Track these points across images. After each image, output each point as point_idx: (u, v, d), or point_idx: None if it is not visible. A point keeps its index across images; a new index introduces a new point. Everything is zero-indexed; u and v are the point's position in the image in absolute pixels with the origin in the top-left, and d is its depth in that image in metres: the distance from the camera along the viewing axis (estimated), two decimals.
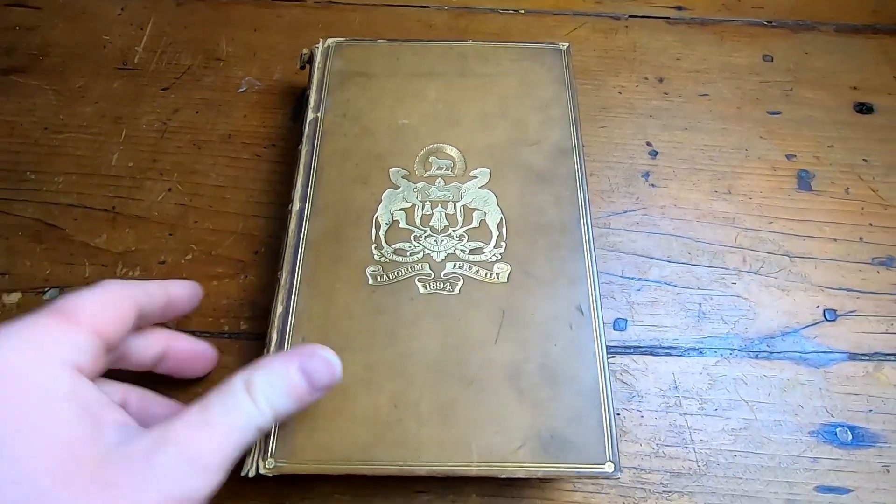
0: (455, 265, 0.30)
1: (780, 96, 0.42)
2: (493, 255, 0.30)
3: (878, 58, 0.44)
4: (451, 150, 0.33)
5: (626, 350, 0.33)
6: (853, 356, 0.33)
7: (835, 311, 0.34)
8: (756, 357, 0.33)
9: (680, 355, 0.33)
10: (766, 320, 0.34)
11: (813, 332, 0.34)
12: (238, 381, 0.23)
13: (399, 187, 0.32)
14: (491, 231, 0.31)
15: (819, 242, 0.36)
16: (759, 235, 0.36)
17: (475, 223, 0.31)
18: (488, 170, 0.33)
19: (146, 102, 0.41)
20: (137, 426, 0.22)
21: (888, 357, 0.33)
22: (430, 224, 0.31)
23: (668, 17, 0.46)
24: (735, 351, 0.33)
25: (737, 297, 0.34)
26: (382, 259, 0.30)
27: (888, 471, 0.30)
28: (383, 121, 0.34)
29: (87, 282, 0.34)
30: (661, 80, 0.43)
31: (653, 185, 0.38)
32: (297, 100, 0.40)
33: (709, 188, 0.38)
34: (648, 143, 0.40)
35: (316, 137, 0.34)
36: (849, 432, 0.31)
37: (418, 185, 0.32)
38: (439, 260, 0.30)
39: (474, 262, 0.30)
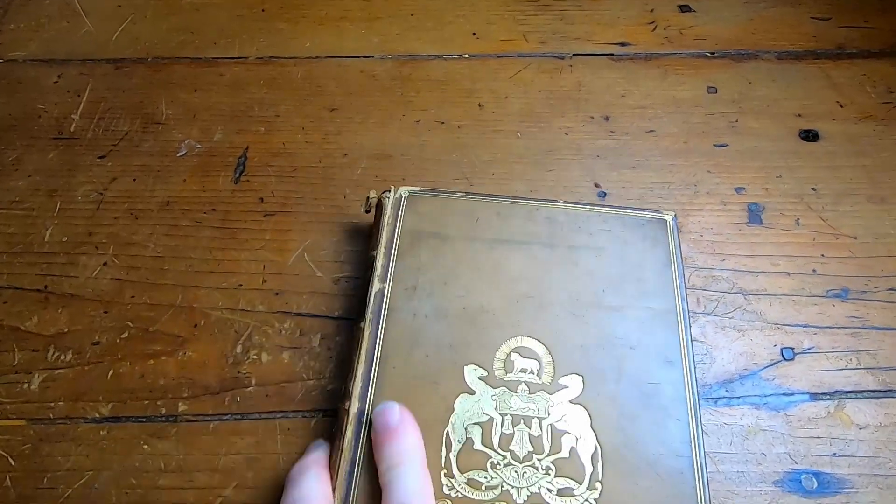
0: None
1: (726, 128, 0.42)
2: (587, 500, 0.25)
3: (820, 83, 0.45)
4: (537, 347, 0.28)
5: None
6: (814, 396, 0.32)
7: (792, 349, 0.33)
8: (715, 404, 0.32)
9: None
10: (724, 364, 0.33)
11: (772, 372, 0.33)
12: None
13: (475, 392, 0.27)
14: (583, 465, 0.26)
15: (773, 278, 0.36)
16: (712, 274, 0.36)
17: (564, 452, 0.26)
18: (581, 378, 0.28)
19: (82, 172, 0.39)
20: None
21: (849, 395, 0.32)
22: (511, 448, 0.26)
23: (612, 54, 0.46)
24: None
25: (693, 342, 0.34)
26: (454, 493, 0.25)
27: None
28: (459, 300, 0.29)
29: (14, 369, 0.32)
30: (607, 119, 0.43)
31: None
32: (365, 260, 0.32)
33: None
34: (597, 185, 0.39)
35: (382, 315, 0.29)
36: (814, 479, 0.30)
37: (497, 390, 0.27)
38: (521, 502, 0.25)
39: None
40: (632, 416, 0.27)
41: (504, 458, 0.26)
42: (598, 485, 0.26)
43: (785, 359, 0.33)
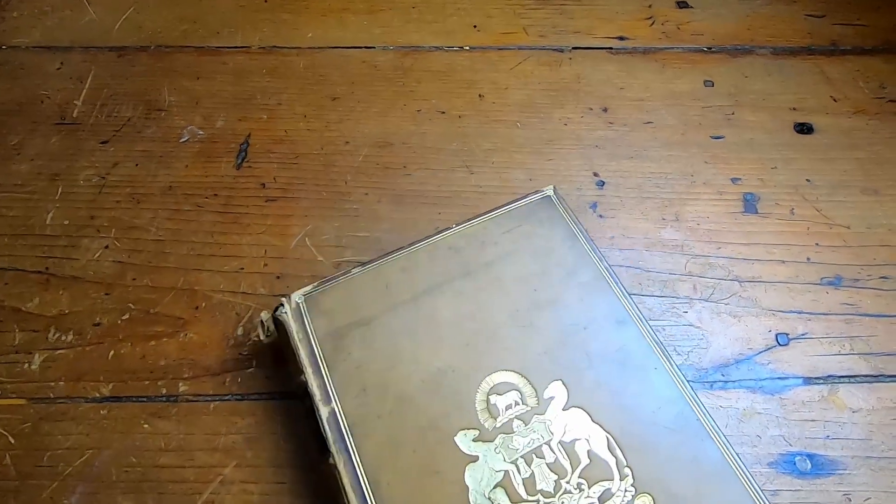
0: None
1: (722, 120, 0.43)
2: (626, 491, 0.25)
3: (814, 78, 0.45)
4: (509, 377, 0.27)
5: None
6: (808, 380, 0.32)
7: (787, 334, 0.34)
8: (711, 387, 0.32)
9: None
10: (720, 349, 0.33)
11: (766, 357, 0.33)
12: None
13: (478, 457, 0.25)
14: (606, 462, 0.25)
15: (768, 265, 0.36)
16: (708, 261, 0.36)
17: (584, 459, 0.25)
18: (561, 382, 0.27)
19: (84, 157, 0.40)
20: None
21: (842, 379, 0.32)
22: (539, 488, 0.25)
23: (611, 48, 0.47)
24: (690, 383, 0.32)
25: (689, 327, 0.34)
26: None
27: (849, 499, 0.29)
28: (414, 376, 0.27)
29: (15, 349, 0.32)
30: (605, 110, 0.43)
31: (601, 215, 0.38)
32: (304, 406, 0.28)
33: (657, 216, 0.38)
34: (595, 174, 0.40)
35: (347, 439, 0.26)
36: (808, 461, 0.30)
37: (497, 441, 0.26)
38: None
39: None
40: (619, 390, 0.27)
41: (537, 501, 0.25)
42: (627, 470, 0.25)
43: (779, 344, 0.34)
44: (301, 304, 0.29)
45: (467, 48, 0.46)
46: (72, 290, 0.34)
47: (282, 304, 0.30)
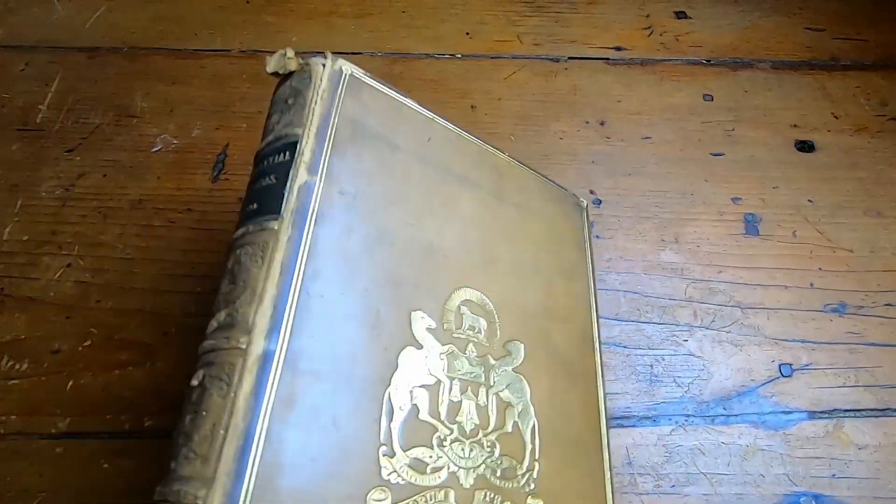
0: (485, 497, 0.22)
1: (722, 137, 0.41)
2: (527, 482, 0.23)
3: (815, 94, 0.44)
4: (487, 304, 0.25)
5: None
6: (812, 414, 0.31)
7: (790, 365, 0.32)
8: (713, 422, 0.31)
9: (633, 425, 0.30)
10: (721, 380, 0.32)
11: (770, 389, 0.32)
12: None
13: (422, 347, 0.22)
14: (524, 441, 0.24)
15: (770, 291, 0.35)
16: (709, 286, 0.35)
17: (508, 427, 0.24)
18: (522, 346, 0.26)
19: (47, 167, 0.37)
20: None
21: (847, 413, 0.31)
22: (458, 419, 0.22)
23: (608, 59, 0.45)
24: (691, 417, 0.31)
25: (689, 356, 0.32)
26: (394, 477, 0.20)
27: None
28: (407, 228, 0.23)
29: None
30: (602, 124, 0.42)
31: (598, 236, 0.36)
32: (264, 149, 0.23)
33: (656, 237, 0.37)
34: (592, 192, 0.38)
35: (308, 218, 0.20)
36: (813, 502, 0.29)
37: (446, 348, 0.23)
38: (468, 486, 0.22)
39: (507, 492, 0.22)
40: (561, 390, 0.26)
41: (451, 431, 0.22)
42: (536, 464, 0.24)
43: (783, 375, 0.32)
44: (345, 75, 0.23)
45: (459, 56, 0.45)
46: (29, 312, 0.32)
47: (324, 55, 0.24)
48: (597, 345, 0.28)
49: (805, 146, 0.41)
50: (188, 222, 0.35)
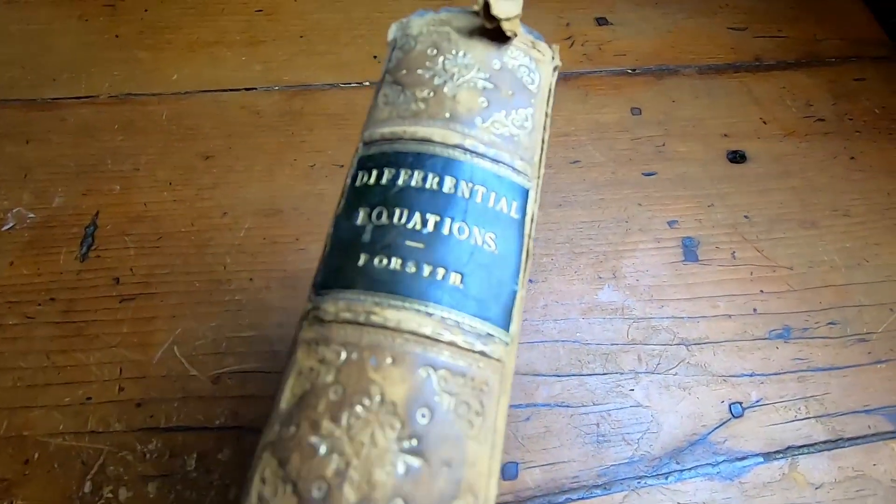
0: None
1: (653, 153, 0.39)
2: None
3: (742, 98, 0.43)
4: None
5: None
6: (766, 456, 0.29)
7: (741, 403, 0.31)
8: (666, 480, 0.28)
9: (583, 497, 0.27)
10: (671, 430, 0.30)
11: (721, 434, 0.30)
12: None
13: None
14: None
15: (714, 322, 0.33)
16: (651, 325, 0.32)
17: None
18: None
19: None
20: None
21: (801, 450, 0.30)
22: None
23: None
24: (643, 479, 0.28)
25: (637, 408, 0.30)
26: None
27: None
28: None
29: None
30: None
31: (531, 280, 0.33)
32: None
33: (592, 274, 0.34)
34: None
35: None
36: None
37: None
38: None
39: None
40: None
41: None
42: None
43: (734, 416, 0.30)
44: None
45: (367, 83, 0.40)
46: None
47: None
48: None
49: (737, 157, 0.40)
50: (51, 315, 0.30)
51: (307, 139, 0.37)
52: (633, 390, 0.30)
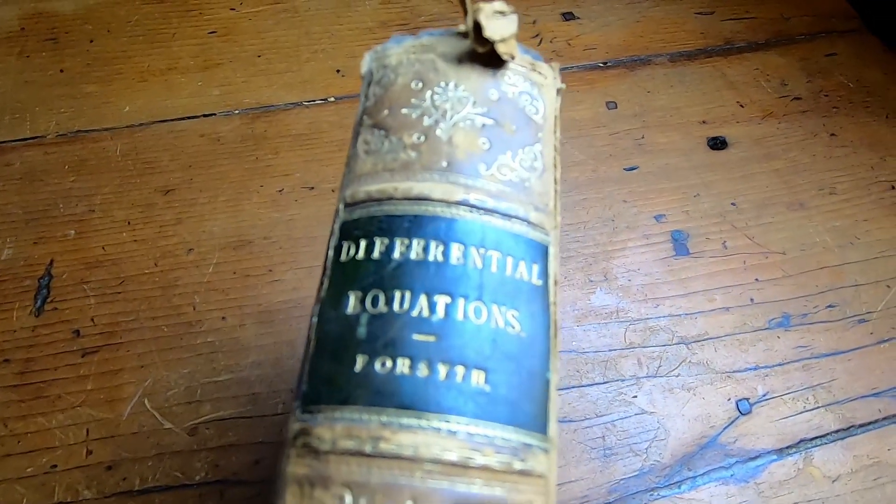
0: None
1: (633, 147, 0.38)
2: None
3: (717, 83, 0.42)
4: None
5: None
6: (780, 452, 0.28)
7: (747, 399, 0.29)
8: (679, 489, 0.27)
9: None
10: (679, 435, 0.28)
11: (732, 434, 0.29)
12: None
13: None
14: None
15: (712, 317, 0.32)
16: (648, 325, 0.31)
17: None
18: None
19: None
20: None
21: (814, 442, 0.28)
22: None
23: None
24: (656, 491, 0.27)
25: (642, 415, 0.29)
26: None
27: None
28: None
29: None
30: None
31: None
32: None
33: (583, 279, 0.33)
34: None
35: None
36: None
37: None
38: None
39: None
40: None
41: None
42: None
43: (742, 413, 0.29)
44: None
45: (332, 99, 0.38)
46: None
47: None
48: None
49: (717, 143, 0.39)
50: (7, 378, 0.27)
51: (273, 163, 0.35)
52: (636, 397, 0.29)
